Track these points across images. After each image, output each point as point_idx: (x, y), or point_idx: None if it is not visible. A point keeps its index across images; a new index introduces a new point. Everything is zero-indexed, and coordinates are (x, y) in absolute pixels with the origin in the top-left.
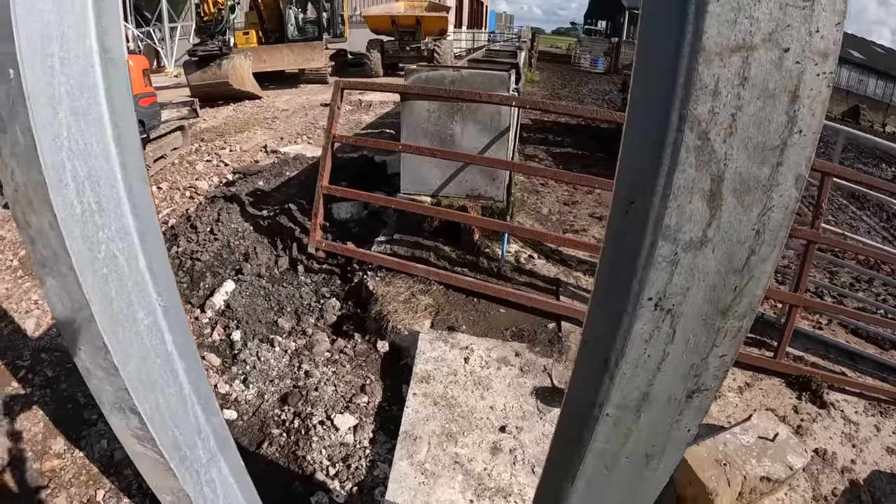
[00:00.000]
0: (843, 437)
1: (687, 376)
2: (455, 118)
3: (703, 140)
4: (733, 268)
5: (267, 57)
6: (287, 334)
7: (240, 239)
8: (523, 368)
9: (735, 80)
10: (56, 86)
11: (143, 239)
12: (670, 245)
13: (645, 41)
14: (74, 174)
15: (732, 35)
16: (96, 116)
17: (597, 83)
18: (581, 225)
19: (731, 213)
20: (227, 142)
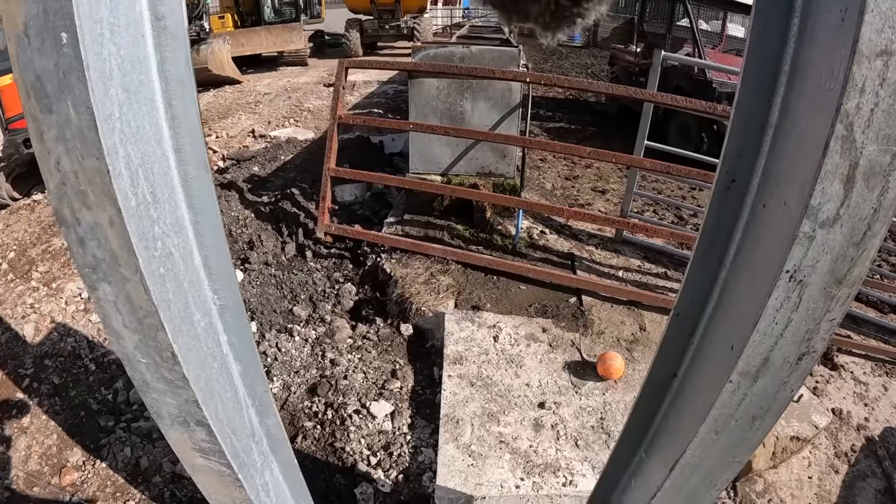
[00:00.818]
0: (856, 396)
1: (802, 341)
2: (465, 95)
3: (848, 131)
4: (853, 241)
5: (245, 41)
6: (305, 323)
7: (242, 227)
8: (552, 344)
9: (877, 80)
10: (106, 57)
11: (198, 232)
12: (811, 223)
13: (804, 44)
14: (128, 161)
15: (879, 41)
16: (148, 94)
17: (577, 57)
18: (585, 199)
19: (859, 193)
20: (211, 128)
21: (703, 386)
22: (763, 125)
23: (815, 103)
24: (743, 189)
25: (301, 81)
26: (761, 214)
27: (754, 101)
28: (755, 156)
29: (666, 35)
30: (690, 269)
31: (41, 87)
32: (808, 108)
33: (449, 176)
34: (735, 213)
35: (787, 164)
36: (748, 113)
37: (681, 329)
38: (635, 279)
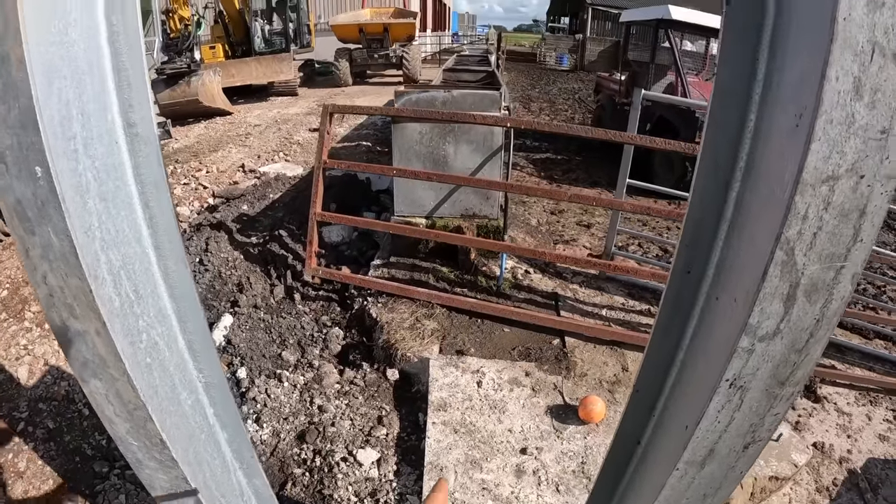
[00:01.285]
0: (839, 428)
1: (746, 433)
2: (447, 139)
3: (788, 256)
4: (795, 349)
5: (235, 71)
6: (293, 368)
7: (231, 269)
8: (534, 388)
9: (821, 205)
10: (81, 172)
11: (181, 319)
12: (749, 339)
13: (752, 176)
14: (110, 266)
15: (825, 167)
16: (125, 199)
17: (565, 82)
18: (570, 234)
19: (800, 308)
20: (202, 162)
21: (661, 460)
22: (719, 219)
23: (755, 230)
24: (698, 279)
25: (291, 112)
26: (715, 307)
27: (711, 193)
28: (709, 250)
29: (649, 64)
30: (649, 349)
31: (23, 211)
32: (757, 216)
33: (433, 218)
34: (691, 301)
35: (738, 264)
36: (705, 205)
37: (641, 404)
38: (619, 317)
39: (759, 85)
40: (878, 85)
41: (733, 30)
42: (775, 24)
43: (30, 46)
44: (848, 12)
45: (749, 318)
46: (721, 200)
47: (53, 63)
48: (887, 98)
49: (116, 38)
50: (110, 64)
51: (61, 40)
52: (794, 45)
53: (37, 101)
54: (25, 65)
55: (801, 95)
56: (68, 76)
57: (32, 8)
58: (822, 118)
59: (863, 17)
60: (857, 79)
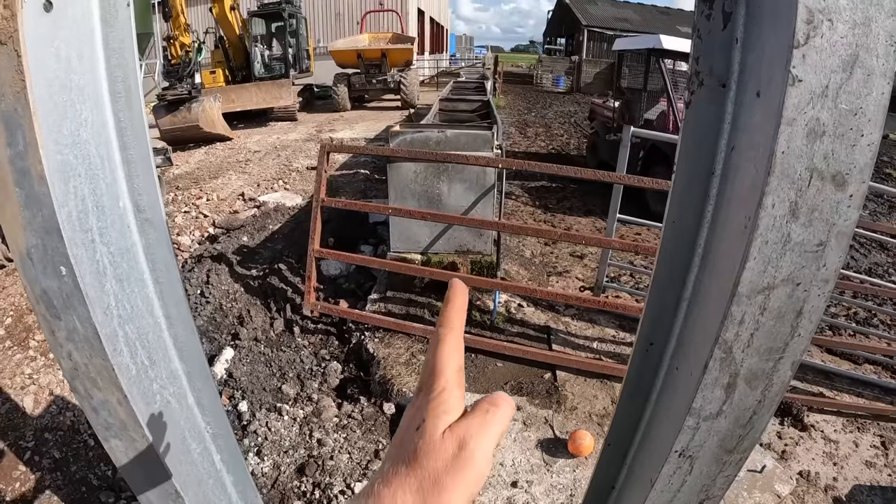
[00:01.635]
0: (825, 456)
1: (700, 492)
2: (441, 178)
3: (727, 354)
4: (740, 424)
5: (235, 97)
6: (293, 401)
7: (232, 301)
8: (526, 422)
9: (757, 311)
10: (98, 258)
11: (190, 378)
12: (695, 419)
13: (708, 296)
14: (126, 339)
15: (760, 281)
16: (138, 277)
17: (561, 104)
18: (564, 266)
19: (742, 393)
20: (202, 189)
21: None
22: (679, 298)
23: (695, 333)
24: (660, 352)
25: (290, 138)
26: (676, 375)
27: (670, 279)
28: (671, 324)
29: (642, 91)
30: (619, 406)
31: (48, 300)
32: (689, 337)
33: (428, 254)
34: (653, 372)
35: (696, 339)
36: (663, 287)
37: (614, 455)
38: (609, 350)
39: (716, 181)
40: (815, 205)
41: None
42: (725, 158)
43: (48, 157)
44: (786, 146)
45: (693, 402)
46: (680, 284)
47: (69, 163)
48: (825, 215)
49: (124, 132)
50: (120, 157)
51: (74, 141)
52: (739, 174)
53: (57, 208)
54: (46, 179)
55: (748, 207)
56: (83, 173)
57: (47, 116)
58: (758, 240)
59: (801, 148)
60: (793, 203)
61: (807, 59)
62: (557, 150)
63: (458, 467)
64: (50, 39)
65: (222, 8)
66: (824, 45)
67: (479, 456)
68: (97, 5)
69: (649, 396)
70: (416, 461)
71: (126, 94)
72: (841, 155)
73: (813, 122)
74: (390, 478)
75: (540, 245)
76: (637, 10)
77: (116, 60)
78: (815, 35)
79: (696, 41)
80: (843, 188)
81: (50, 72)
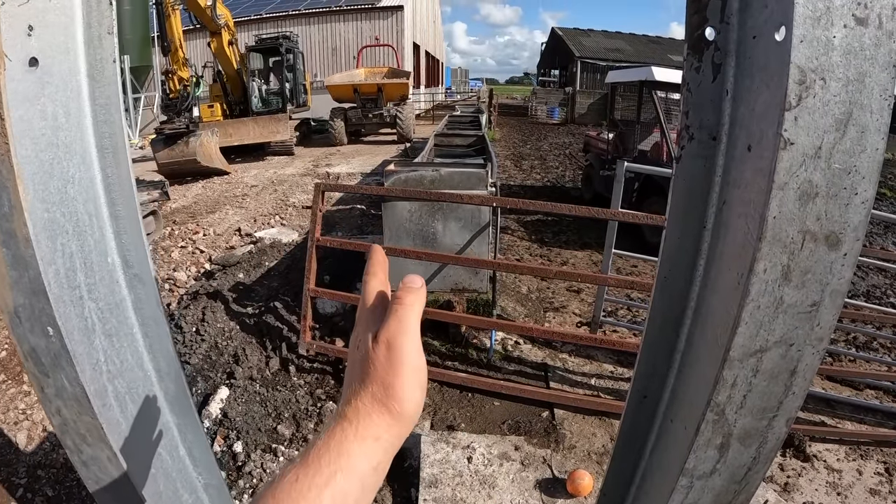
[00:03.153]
0: (828, 486)
1: None
2: (436, 216)
3: (719, 416)
4: (734, 481)
5: (233, 131)
6: (289, 442)
7: (227, 339)
8: (524, 462)
9: (750, 374)
10: (87, 315)
11: (181, 432)
12: (688, 479)
13: (702, 352)
14: (116, 394)
15: (752, 345)
16: (127, 332)
17: (556, 136)
18: (560, 301)
19: (735, 452)
20: (199, 224)
21: None
22: (672, 352)
23: (689, 395)
24: (654, 405)
25: (287, 173)
26: (670, 428)
27: (663, 334)
28: (665, 376)
29: (636, 123)
30: (614, 456)
31: (37, 357)
32: (683, 401)
33: None
34: (647, 424)
35: (690, 393)
36: (656, 341)
37: None
38: (607, 386)
39: (707, 235)
40: (808, 267)
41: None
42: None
43: (34, 216)
44: (778, 210)
45: (686, 462)
46: (673, 337)
47: (56, 221)
48: (818, 276)
49: (112, 188)
50: (107, 213)
51: (62, 199)
52: (731, 230)
53: (43, 269)
54: (32, 241)
55: (740, 265)
56: (70, 231)
57: (33, 175)
58: (749, 305)
59: (793, 211)
60: (785, 266)
61: (799, 121)
62: (553, 182)
63: (394, 364)
64: (36, 97)
65: (220, 43)
66: (817, 105)
67: (406, 349)
68: (83, 61)
69: (644, 449)
70: (363, 374)
71: (113, 149)
72: (834, 215)
73: (805, 185)
74: (350, 396)
75: (536, 281)
76: (629, 40)
77: (104, 116)
78: (808, 96)
79: (686, 94)
80: (837, 248)
81: (36, 130)
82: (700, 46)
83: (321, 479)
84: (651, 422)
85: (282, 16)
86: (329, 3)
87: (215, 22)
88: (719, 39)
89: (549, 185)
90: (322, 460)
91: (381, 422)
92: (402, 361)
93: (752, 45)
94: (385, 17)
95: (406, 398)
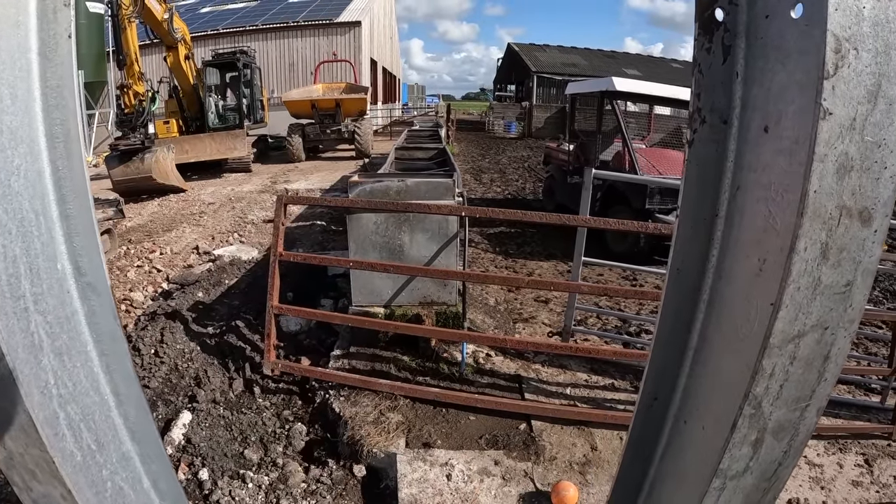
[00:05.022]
0: (812, 481)
1: None
2: (403, 228)
3: (756, 409)
4: (765, 478)
5: (189, 147)
6: (257, 467)
7: (188, 361)
8: (505, 477)
9: (787, 362)
10: (34, 330)
11: (145, 461)
12: (721, 480)
13: (719, 346)
14: (69, 421)
15: (792, 329)
16: (81, 349)
17: (514, 150)
18: (529, 311)
19: (769, 447)
20: (156, 243)
21: None
22: (683, 349)
23: (724, 390)
24: (665, 406)
25: (245, 190)
26: (683, 429)
27: (675, 330)
28: (676, 376)
29: (597, 133)
30: (620, 468)
31: None
32: (718, 393)
33: (392, 307)
34: (658, 427)
35: (705, 391)
36: (667, 338)
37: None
38: (583, 395)
39: (720, 223)
40: (844, 244)
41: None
42: (730, 198)
43: None
44: (818, 184)
45: (720, 463)
46: (685, 333)
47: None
48: (852, 254)
49: (63, 184)
50: (57, 212)
51: (4, 193)
52: (747, 215)
53: None
54: None
55: (760, 250)
56: (13, 230)
57: None
58: (790, 287)
59: (832, 185)
60: (824, 244)
61: (836, 90)
62: (514, 195)
63: None
64: None
65: (177, 57)
66: (851, 75)
67: None
68: (35, 37)
69: (653, 455)
70: None
71: (65, 139)
72: (867, 189)
73: (843, 157)
74: None
75: (503, 292)
76: (584, 55)
77: (55, 100)
78: (843, 65)
79: (697, 76)
80: (869, 224)
81: None
82: (710, 27)
83: None
84: (661, 425)
85: (239, 31)
86: (287, 18)
87: (172, 36)
88: (728, 21)
89: (510, 198)
90: None
91: None
92: None
93: (765, 24)
94: (343, 32)
95: None
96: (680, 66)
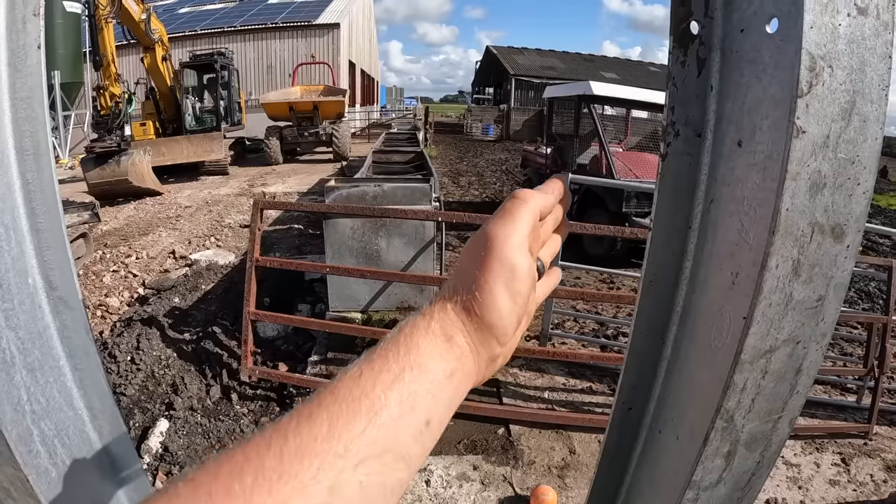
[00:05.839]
0: (789, 481)
1: None
2: (380, 233)
3: (728, 422)
4: (738, 488)
5: (166, 150)
6: None
7: (164, 368)
8: (484, 482)
9: (759, 376)
10: (5, 346)
11: (121, 476)
12: (694, 492)
13: (693, 357)
14: (43, 438)
15: (763, 345)
16: (53, 364)
17: (492, 153)
18: None
19: (741, 458)
20: (132, 247)
21: None
22: (657, 360)
23: (695, 404)
24: (639, 415)
25: (222, 193)
26: (658, 439)
27: (648, 341)
28: (650, 386)
29: (574, 137)
30: (596, 477)
31: None
32: (686, 409)
33: (369, 312)
34: (633, 435)
35: (679, 402)
36: (641, 348)
37: None
38: (561, 398)
39: (693, 235)
40: (816, 260)
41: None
42: (703, 211)
43: None
44: (790, 202)
45: (693, 474)
46: (659, 344)
47: None
48: (824, 270)
49: (33, 197)
50: (28, 225)
51: None
52: (721, 228)
53: None
54: None
55: (732, 264)
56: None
57: None
58: (762, 304)
59: (805, 203)
60: (796, 261)
61: (810, 108)
62: (492, 198)
63: (481, 256)
64: None
65: (154, 58)
66: (826, 93)
67: (499, 239)
68: (4, 48)
69: (629, 463)
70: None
71: (35, 151)
72: (840, 206)
73: (815, 175)
74: None
75: None
76: (562, 58)
77: (25, 112)
78: (818, 83)
79: (672, 89)
80: (842, 240)
81: None
82: (685, 40)
83: (387, 375)
84: (636, 433)
85: (217, 32)
86: (265, 19)
87: (149, 36)
88: (703, 34)
89: (488, 201)
90: (390, 354)
91: (457, 320)
92: (491, 254)
93: (741, 38)
94: (321, 34)
95: (486, 300)
96: (657, 69)
